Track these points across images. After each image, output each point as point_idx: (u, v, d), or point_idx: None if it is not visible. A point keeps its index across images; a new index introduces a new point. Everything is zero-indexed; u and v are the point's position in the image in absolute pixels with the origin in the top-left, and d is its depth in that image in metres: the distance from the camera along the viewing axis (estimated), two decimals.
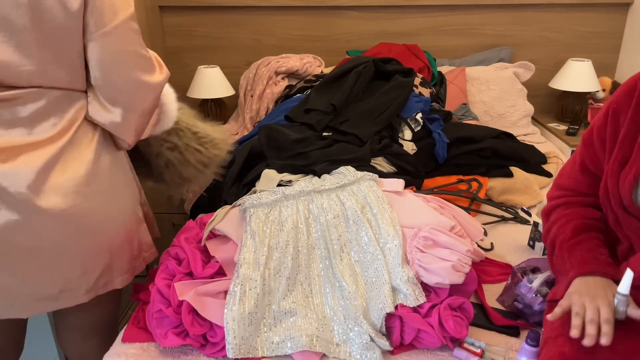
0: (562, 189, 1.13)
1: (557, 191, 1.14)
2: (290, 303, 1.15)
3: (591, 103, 2.52)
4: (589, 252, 0.98)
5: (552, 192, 1.16)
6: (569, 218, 1.06)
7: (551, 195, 1.16)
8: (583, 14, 2.58)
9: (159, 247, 1.31)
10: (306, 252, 1.21)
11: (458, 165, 1.82)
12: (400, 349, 1.09)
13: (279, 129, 1.80)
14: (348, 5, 2.58)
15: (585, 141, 1.06)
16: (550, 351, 0.90)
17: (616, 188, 0.95)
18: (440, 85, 2.38)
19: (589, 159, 1.05)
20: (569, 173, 1.12)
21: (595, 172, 1.05)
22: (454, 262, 1.13)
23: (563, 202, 1.11)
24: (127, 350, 1.11)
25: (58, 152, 1.01)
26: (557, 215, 1.10)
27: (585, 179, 1.08)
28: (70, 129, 1.04)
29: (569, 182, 1.11)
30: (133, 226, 1.18)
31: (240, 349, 1.05)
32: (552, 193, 1.16)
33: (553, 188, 1.16)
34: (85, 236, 1.05)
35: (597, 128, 1.01)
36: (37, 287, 1.04)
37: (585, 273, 0.94)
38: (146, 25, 2.45)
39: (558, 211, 1.11)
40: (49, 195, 0.99)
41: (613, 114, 0.97)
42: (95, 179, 1.07)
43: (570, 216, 1.07)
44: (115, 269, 1.15)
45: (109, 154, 1.12)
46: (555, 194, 1.14)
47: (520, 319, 1.17)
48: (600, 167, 1.03)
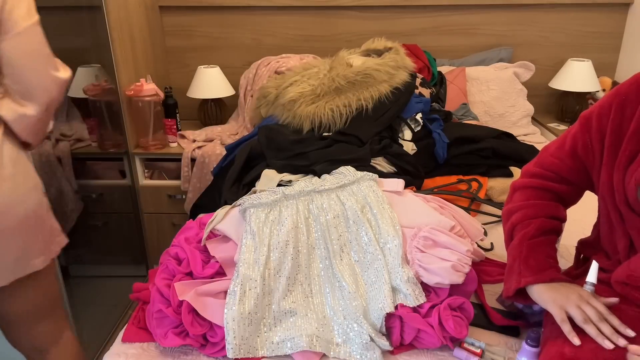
0: (542, 167, 1.10)
1: (535, 168, 1.11)
2: (290, 303, 1.15)
3: (591, 103, 2.52)
4: (547, 258, 1.00)
5: (530, 168, 1.12)
6: (536, 211, 1.06)
7: (528, 170, 1.12)
8: (583, 14, 2.58)
9: (159, 247, 1.31)
10: (306, 252, 1.21)
11: (458, 165, 1.82)
12: (400, 349, 1.09)
13: (279, 129, 1.81)
14: (348, 5, 2.58)
15: (582, 124, 1.02)
16: (550, 351, 0.90)
17: (622, 184, 0.94)
18: (440, 85, 2.38)
19: (582, 143, 1.02)
20: (554, 152, 1.08)
21: (583, 160, 1.03)
22: (454, 262, 1.13)
23: (537, 185, 1.09)
24: (127, 350, 1.11)
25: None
26: (526, 198, 1.09)
27: (570, 163, 1.05)
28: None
29: (551, 161, 1.08)
30: (42, 211, 1.21)
31: (240, 349, 1.05)
32: (529, 167, 1.12)
33: (532, 163, 1.13)
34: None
35: (597, 115, 0.98)
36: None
37: (545, 281, 0.97)
38: (146, 25, 2.45)
39: (528, 193, 1.09)
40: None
41: (619, 104, 0.95)
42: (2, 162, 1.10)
43: (537, 209, 1.06)
44: (32, 251, 1.18)
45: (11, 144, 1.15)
46: (532, 169, 1.11)
47: (520, 319, 1.17)
48: (590, 156, 1.01)
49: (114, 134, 2.29)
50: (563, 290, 0.95)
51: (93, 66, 2.21)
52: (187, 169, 2.32)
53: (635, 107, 0.93)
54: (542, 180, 1.09)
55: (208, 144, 2.34)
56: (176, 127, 2.41)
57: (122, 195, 2.39)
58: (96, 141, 2.30)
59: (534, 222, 1.04)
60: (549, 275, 0.98)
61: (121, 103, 2.20)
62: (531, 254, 1.01)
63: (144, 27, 2.42)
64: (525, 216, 1.06)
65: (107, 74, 2.18)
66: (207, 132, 2.44)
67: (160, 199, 2.41)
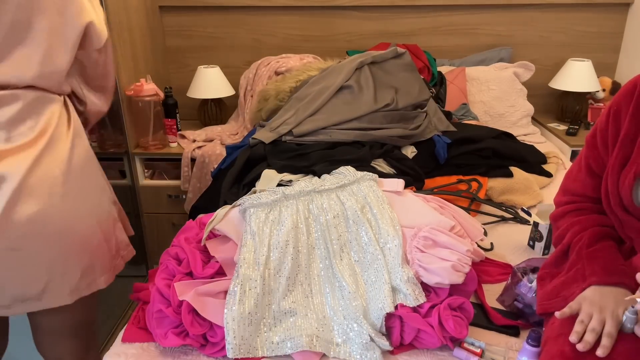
0: (570, 193, 1.11)
1: (564, 196, 1.13)
2: (290, 303, 1.15)
3: (591, 103, 2.53)
4: (612, 261, 0.96)
5: (560, 197, 1.14)
6: (584, 225, 1.04)
7: (559, 201, 1.14)
8: (583, 14, 2.58)
9: (159, 247, 1.31)
10: (306, 252, 1.21)
11: (458, 165, 1.82)
12: (400, 349, 1.09)
13: None
14: (348, 5, 2.58)
15: (588, 143, 1.05)
16: (550, 351, 0.90)
17: (616, 187, 0.95)
18: (440, 85, 2.38)
19: (593, 161, 1.04)
20: (575, 176, 1.10)
21: (600, 175, 1.04)
22: (454, 262, 1.13)
23: (573, 209, 1.09)
24: (127, 350, 1.11)
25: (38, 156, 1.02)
26: (569, 221, 1.08)
27: (591, 181, 1.07)
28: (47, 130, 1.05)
29: (575, 185, 1.10)
30: (109, 225, 1.19)
31: (240, 349, 1.05)
32: (559, 198, 1.14)
33: (560, 193, 1.15)
34: (62, 236, 1.06)
35: (599, 130, 1.01)
36: (19, 288, 1.05)
37: (610, 283, 0.93)
38: (146, 25, 2.45)
39: (569, 217, 1.09)
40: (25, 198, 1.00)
41: (614, 115, 0.97)
42: (69, 178, 1.08)
43: (584, 223, 1.05)
44: (97, 269, 1.15)
45: (82, 154, 1.13)
46: (563, 199, 1.13)
47: (520, 319, 1.17)
48: (604, 169, 1.03)
49: (114, 134, 2.29)
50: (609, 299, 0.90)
51: None
52: (187, 169, 2.32)
53: (627, 111, 0.94)
54: (574, 204, 1.10)
55: (208, 144, 2.34)
56: (176, 127, 2.41)
57: (122, 195, 2.38)
58: (96, 141, 2.30)
59: (585, 235, 1.02)
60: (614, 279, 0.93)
61: (121, 103, 2.20)
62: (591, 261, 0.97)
63: (144, 27, 2.42)
64: (576, 233, 1.04)
65: None
66: (207, 132, 2.44)
67: (160, 199, 2.41)
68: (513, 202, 1.73)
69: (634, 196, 0.91)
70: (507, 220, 1.64)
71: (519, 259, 1.39)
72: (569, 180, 1.13)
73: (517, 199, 1.73)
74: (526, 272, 1.20)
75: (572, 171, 1.13)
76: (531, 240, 1.50)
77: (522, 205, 1.71)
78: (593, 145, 1.04)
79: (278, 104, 1.99)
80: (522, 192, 1.75)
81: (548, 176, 1.90)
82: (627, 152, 0.94)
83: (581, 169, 1.09)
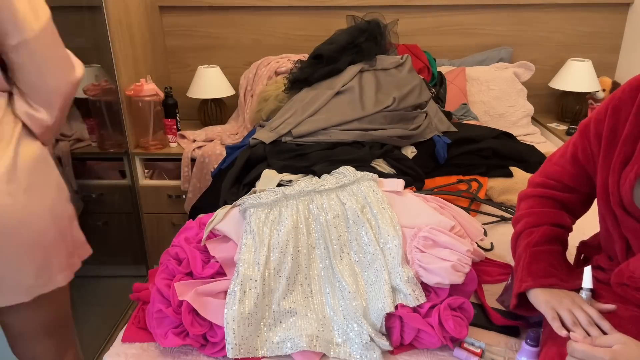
0: (545, 175, 1.12)
1: (540, 177, 1.14)
2: (290, 303, 1.15)
3: (591, 103, 2.53)
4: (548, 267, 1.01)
5: (535, 178, 1.15)
6: (538, 219, 1.07)
7: (532, 181, 1.15)
8: (583, 14, 2.58)
9: (159, 247, 1.31)
10: (306, 252, 1.21)
11: (458, 165, 1.82)
12: (400, 349, 1.09)
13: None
14: (348, 5, 2.58)
15: (581, 131, 1.05)
16: (550, 350, 0.90)
17: (617, 187, 0.95)
18: (440, 85, 2.38)
19: (581, 149, 1.04)
20: (557, 160, 1.11)
21: (584, 165, 1.05)
22: (454, 262, 1.13)
23: (540, 194, 1.11)
24: (127, 350, 1.11)
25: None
26: (529, 208, 1.11)
27: (572, 169, 1.07)
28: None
29: (554, 169, 1.11)
30: (64, 222, 1.16)
31: (240, 349, 1.05)
32: (535, 178, 1.16)
33: (537, 173, 1.16)
34: (11, 233, 1.04)
35: (595, 121, 1.01)
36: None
37: (544, 286, 0.98)
38: (146, 25, 2.45)
39: (530, 202, 1.11)
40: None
41: (613, 110, 0.96)
42: (15, 177, 1.05)
43: (539, 217, 1.07)
44: (54, 266, 1.13)
45: (30, 151, 1.09)
46: (537, 179, 1.14)
47: (520, 319, 1.17)
48: (590, 161, 1.03)
49: (114, 134, 2.29)
50: (558, 294, 0.96)
51: (93, 66, 2.21)
52: (187, 169, 2.32)
53: (629, 110, 0.94)
54: (546, 189, 1.11)
55: (208, 144, 2.34)
56: (176, 127, 2.41)
57: (122, 195, 2.39)
58: (96, 141, 2.30)
59: (537, 230, 1.06)
60: (548, 281, 0.98)
61: (121, 103, 2.20)
62: (533, 262, 1.02)
63: (144, 27, 2.42)
64: (529, 224, 1.08)
65: (107, 74, 2.18)
66: (207, 132, 2.44)
67: (160, 199, 2.41)
68: (513, 202, 1.73)
69: (634, 196, 0.91)
70: (507, 220, 1.64)
71: None
72: (550, 162, 1.13)
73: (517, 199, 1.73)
74: None
75: (555, 154, 1.13)
76: None
77: None
78: (585, 133, 1.03)
79: (278, 105, 1.99)
80: None
81: None
82: (629, 152, 0.93)
83: (565, 155, 1.09)
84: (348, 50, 1.93)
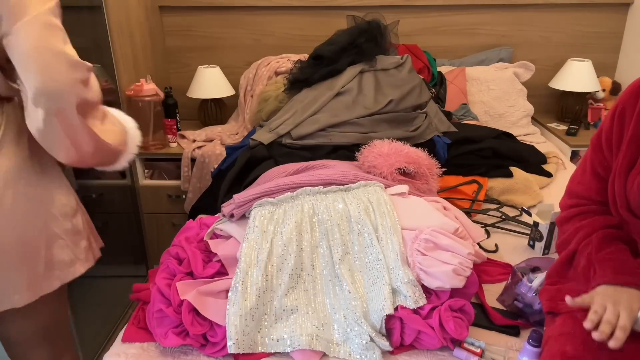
0: (575, 196, 1.10)
1: (569, 199, 1.11)
2: (292, 300, 1.15)
3: (591, 103, 2.52)
4: (623, 263, 0.95)
5: (565, 201, 1.12)
6: (590, 229, 1.02)
7: (564, 204, 1.12)
8: (583, 14, 2.58)
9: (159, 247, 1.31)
10: (309, 250, 1.21)
11: (458, 165, 1.82)
12: (400, 349, 1.09)
13: None
14: (348, 5, 2.58)
15: (594, 145, 1.04)
16: (552, 350, 0.90)
17: (623, 190, 0.94)
18: (440, 85, 2.38)
19: (598, 163, 1.03)
20: (580, 179, 1.09)
21: (605, 177, 1.03)
22: (455, 266, 1.11)
23: (578, 212, 1.07)
24: (127, 350, 1.11)
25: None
26: (574, 226, 1.06)
27: (596, 184, 1.05)
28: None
29: (580, 188, 1.09)
30: (36, 243, 1.06)
31: (242, 345, 1.06)
32: (564, 201, 1.13)
33: (565, 196, 1.13)
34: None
35: (604, 132, 1.00)
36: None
37: (620, 283, 0.91)
38: (146, 25, 2.45)
39: (574, 222, 1.07)
40: None
41: (619, 116, 0.96)
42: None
43: (590, 227, 1.03)
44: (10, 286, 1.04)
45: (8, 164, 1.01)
46: (568, 202, 1.11)
47: (520, 319, 1.17)
48: (609, 171, 1.01)
49: None
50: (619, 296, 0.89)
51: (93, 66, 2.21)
52: (187, 169, 2.32)
53: (633, 111, 0.93)
54: (579, 207, 1.08)
55: (208, 144, 2.34)
56: (176, 127, 2.41)
57: (122, 195, 2.38)
58: None
59: (593, 239, 1.00)
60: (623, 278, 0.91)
61: (121, 103, 2.20)
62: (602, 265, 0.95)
63: (144, 27, 2.42)
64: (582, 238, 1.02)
65: (107, 74, 2.18)
66: (207, 132, 2.44)
67: (160, 199, 2.41)
68: (513, 202, 1.73)
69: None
70: (507, 220, 1.64)
71: (519, 259, 1.38)
72: (574, 182, 1.11)
73: (517, 199, 1.73)
74: (526, 271, 1.20)
75: (577, 174, 1.11)
76: (531, 240, 1.50)
77: (522, 205, 1.71)
78: (598, 147, 1.02)
79: (278, 105, 1.99)
80: (522, 192, 1.75)
81: (548, 176, 1.90)
82: (634, 155, 0.93)
83: (586, 172, 1.07)
84: (348, 51, 1.93)
